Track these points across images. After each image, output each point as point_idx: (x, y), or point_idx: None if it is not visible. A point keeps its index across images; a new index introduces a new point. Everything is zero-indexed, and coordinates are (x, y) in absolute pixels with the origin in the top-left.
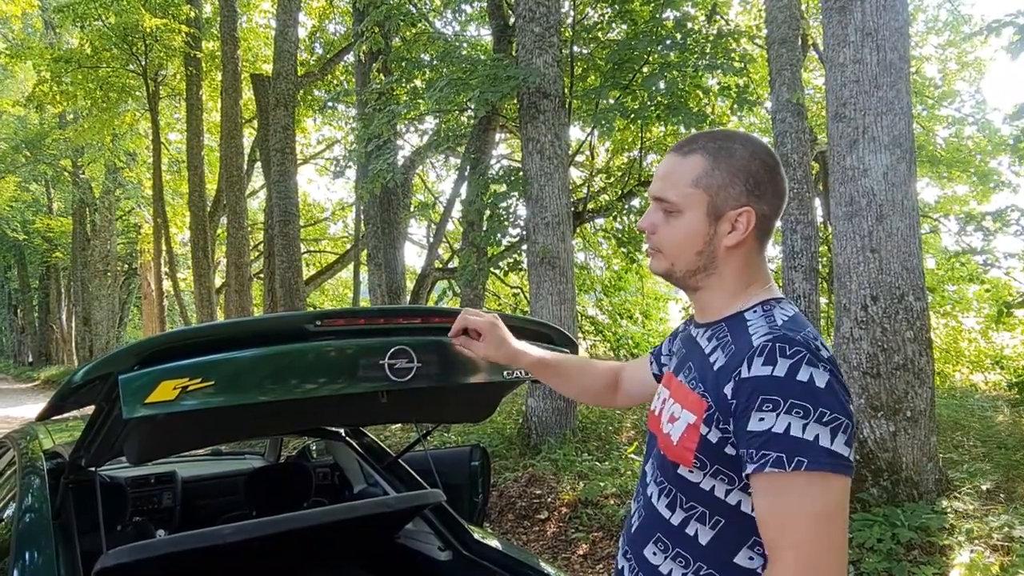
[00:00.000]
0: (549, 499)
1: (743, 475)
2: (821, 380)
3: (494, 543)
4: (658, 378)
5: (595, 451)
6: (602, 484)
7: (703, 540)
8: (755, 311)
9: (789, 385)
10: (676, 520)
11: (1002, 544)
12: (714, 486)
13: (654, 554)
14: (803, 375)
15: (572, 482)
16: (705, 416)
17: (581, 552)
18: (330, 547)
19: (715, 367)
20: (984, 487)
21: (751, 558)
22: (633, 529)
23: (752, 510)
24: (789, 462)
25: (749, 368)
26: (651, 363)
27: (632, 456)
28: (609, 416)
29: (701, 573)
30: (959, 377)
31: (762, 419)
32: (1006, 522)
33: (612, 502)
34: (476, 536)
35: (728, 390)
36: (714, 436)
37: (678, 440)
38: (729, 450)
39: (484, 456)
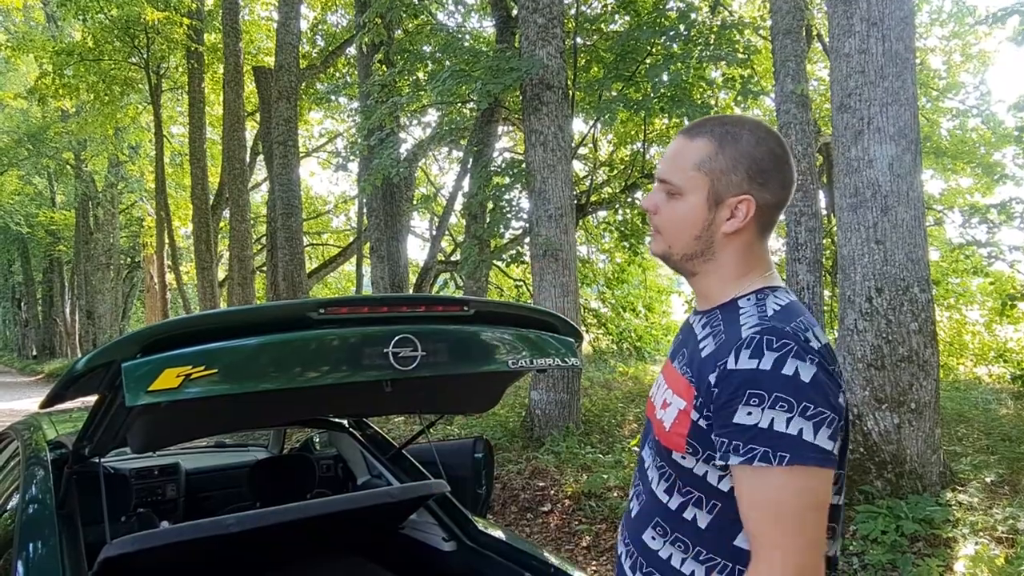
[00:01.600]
0: (552, 491)
1: (719, 462)
2: (807, 373)
3: (498, 534)
4: None
5: (598, 444)
6: (605, 476)
7: (701, 524)
8: (748, 299)
9: (774, 379)
10: (674, 504)
11: (1007, 536)
12: (707, 472)
13: (653, 539)
14: (788, 368)
15: (575, 474)
16: (695, 403)
17: (584, 544)
18: (335, 537)
19: (703, 354)
20: (988, 479)
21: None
22: (632, 515)
23: None
24: (774, 457)
25: (736, 360)
26: None
27: (634, 449)
28: (612, 409)
29: (701, 557)
30: (963, 370)
31: (750, 413)
32: (1011, 514)
33: (615, 494)
34: (480, 527)
35: (712, 379)
36: (703, 423)
37: (670, 426)
38: (715, 437)
39: (487, 448)
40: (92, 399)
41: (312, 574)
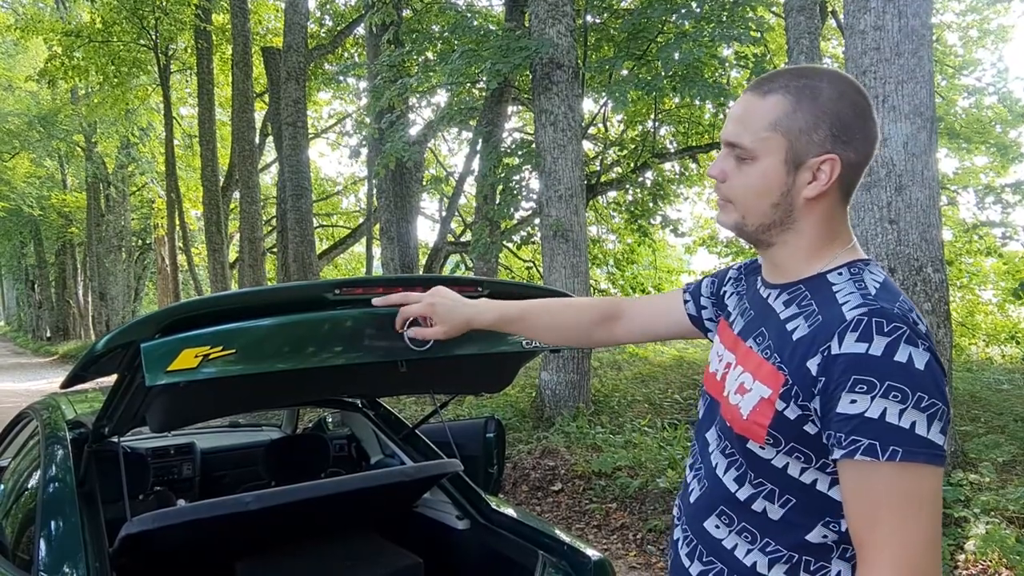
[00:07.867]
0: (562, 471)
1: (830, 459)
2: (920, 361)
3: (511, 512)
4: (694, 320)
5: (608, 424)
6: (615, 457)
7: (773, 517)
8: (840, 273)
9: (886, 365)
10: (743, 495)
11: (1018, 516)
12: (788, 464)
13: (717, 527)
14: (902, 355)
15: (585, 454)
16: (782, 391)
17: (595, 523)
18: (350, 515)
19: (795, 337)
20: (1000, 460)
21: (824, 536)
22: (692, 499)
23: (828, 489)
24: (883, 451)
25: (840, 343)
26: (686, 301)
27: (646, 429)
28: (621, 390)
29: (768, 550)
30: (975, 351)
31: (854, 401)
32: (1022, 494)
33: (625, 474)
34: (493, 505)
35: (813, 365)
36: (792, 412)
37: (748, 414)
38: (809, 428)
39: (499, 428)
40: (110, 379)
41: (327, 551)
